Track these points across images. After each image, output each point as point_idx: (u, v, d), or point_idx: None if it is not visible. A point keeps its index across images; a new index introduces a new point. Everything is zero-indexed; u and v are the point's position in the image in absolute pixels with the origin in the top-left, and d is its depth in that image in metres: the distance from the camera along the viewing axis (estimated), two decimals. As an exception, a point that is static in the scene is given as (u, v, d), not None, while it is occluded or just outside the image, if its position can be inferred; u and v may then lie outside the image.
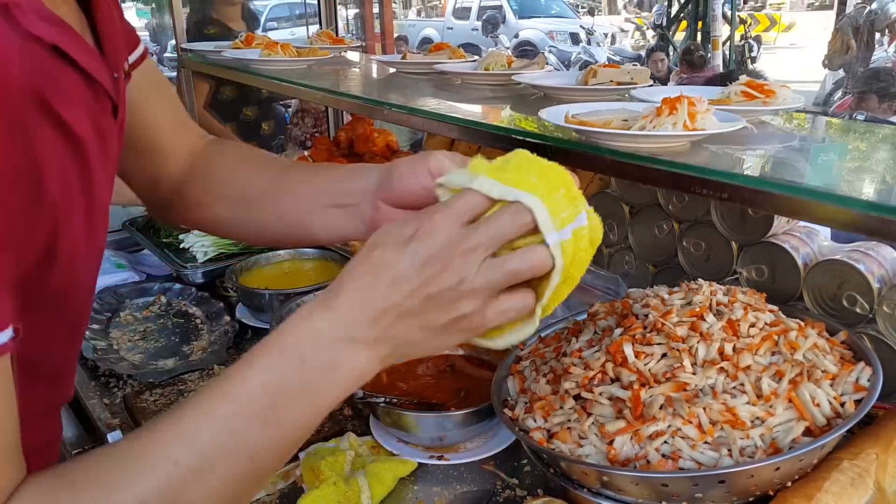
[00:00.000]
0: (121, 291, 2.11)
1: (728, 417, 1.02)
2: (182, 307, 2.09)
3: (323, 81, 2.07)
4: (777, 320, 1.19)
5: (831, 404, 1.04)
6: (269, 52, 2.24)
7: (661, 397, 1.06)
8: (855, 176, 1.13)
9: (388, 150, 2.76)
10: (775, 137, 1.37)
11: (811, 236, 1.53)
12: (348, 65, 2.51)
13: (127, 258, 2.42)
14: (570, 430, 1.10)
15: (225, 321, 1.98)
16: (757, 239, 1.52)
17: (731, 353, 1.10)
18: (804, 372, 1.06)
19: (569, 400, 1.14)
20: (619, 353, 1.14)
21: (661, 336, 1.14)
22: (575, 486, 1.11)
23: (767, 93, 1.36)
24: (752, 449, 1.00)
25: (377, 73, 2.38)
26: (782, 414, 1.02)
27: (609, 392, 1.11)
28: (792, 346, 1.11)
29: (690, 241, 1.65)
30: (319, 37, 2.63)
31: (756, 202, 1.02)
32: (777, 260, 1.49)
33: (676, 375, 1.08)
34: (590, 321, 1.31)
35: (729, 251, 1.57)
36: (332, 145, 2.96)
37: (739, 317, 1.16)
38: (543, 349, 1.34)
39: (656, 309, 1.21)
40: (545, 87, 1.67)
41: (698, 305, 1.19)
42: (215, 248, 2.20)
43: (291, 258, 2.20)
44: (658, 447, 1.03)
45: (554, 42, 15.20)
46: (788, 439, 1.00)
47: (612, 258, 1.85)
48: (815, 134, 1.49)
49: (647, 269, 1.77)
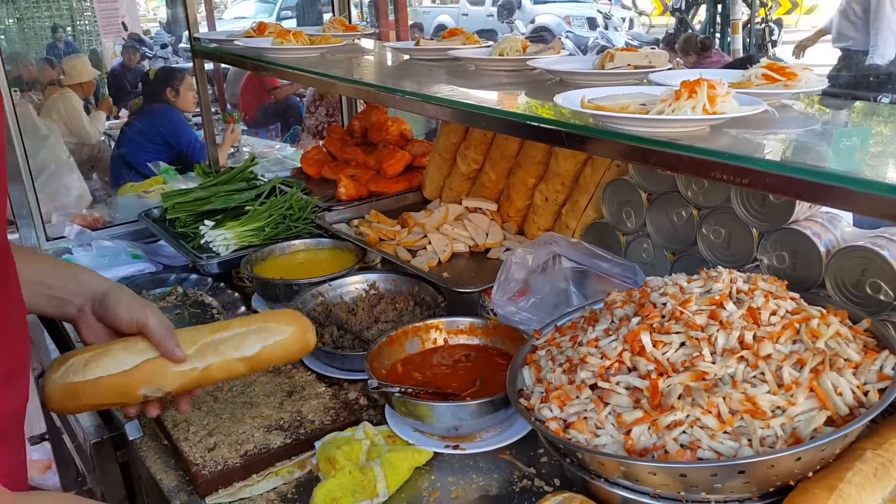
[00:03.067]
0: (137, 282, 2.12)
1: (748, 407, 1.00)
2: (198, 297, 2.10)
3: (335, 69, 2.06)
4: (798, 308, 1.16)
5: (854, 393, 1.02)
6: (282, 41, 2.23)
7: (680, 387, 1.05)
8: (879, 160, 1.10)
9: (403, 139, 2.75)
10: (797, 121, 1.34)
11: (833, 222, 1.50)
12: (361, 52, 2.50)
13: (143, 249, 2.44)
14: (587, 420, 1.09)
15: (240, 311, 1.98)
16: (778, 225, 1.49)
17: (751, 341, 1.08)
18: (826, 361, 1.04)
19: (585, 390, 1.13)
20: (636, 342, 1.13)
21: (679, 325, 1.13)
22: (592, 476, 1.10)
23: (789, 76, 1.33)
24: (772, 439, 0.98)
25: (391, 60, 2.36)
26: (804, 403, 1.01)
27: (626, 381, 1.10)
28: (814, 335, 1.09)
29: (710, 227, 1.62)
30: (332, 24, 2.61)
31: (778, 187, 0.99)
32: (799, 247, 1.46)
33: (695, 364, 1.07)
34: (606, 310, 1.29)
35: (749, 238, 1.54)
36: (346, 134, 2.95)
37: (760, 305, 1.13)
38: (559, 338, 1.33)
39: (675, 297, 1.19)
40: (561, 72, 1.65)
41: (718, 293, 1.17)
42: (237, 243, 2.20)
43: (306, 248, 2.19)
44: (676, 437, 1.01)
45: (570, 27, 15.04)
46: (810, 429, 0.98)
47: (629, 246, 1.82)
48: (839, 117, 1.45)
49: (666, 257, 1.74)
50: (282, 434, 1.43)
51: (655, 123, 1.14)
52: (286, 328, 1.32)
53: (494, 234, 2.12)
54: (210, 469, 1.33)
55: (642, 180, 1.74)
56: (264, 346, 1.29)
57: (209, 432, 1.43)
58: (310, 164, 2.83)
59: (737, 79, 1.38)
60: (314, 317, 1.80)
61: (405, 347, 1.59)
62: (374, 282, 1.93)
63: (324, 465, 1.30)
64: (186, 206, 2.41)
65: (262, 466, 1.35)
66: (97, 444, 1.59)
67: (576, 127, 1.26)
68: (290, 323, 1.34)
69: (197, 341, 1.25)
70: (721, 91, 1.12)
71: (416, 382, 1.49)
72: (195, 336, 1.26)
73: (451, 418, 1.35)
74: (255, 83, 7.04)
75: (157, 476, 1.37)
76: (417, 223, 2.16)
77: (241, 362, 1.28)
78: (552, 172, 2.00)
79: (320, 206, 2.40)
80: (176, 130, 4.77)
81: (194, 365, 1.23)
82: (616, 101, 1.22)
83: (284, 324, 1.33)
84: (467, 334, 1.62)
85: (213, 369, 1.25)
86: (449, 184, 2.39)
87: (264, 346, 1.29)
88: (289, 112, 7.07)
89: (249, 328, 1.30)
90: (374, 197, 2.49)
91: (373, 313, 1.82)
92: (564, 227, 1.97)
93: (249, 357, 1.28)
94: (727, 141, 1.13)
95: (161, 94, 4.94)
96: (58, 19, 7.98)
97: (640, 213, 1.77)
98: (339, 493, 1.23)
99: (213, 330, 1.29)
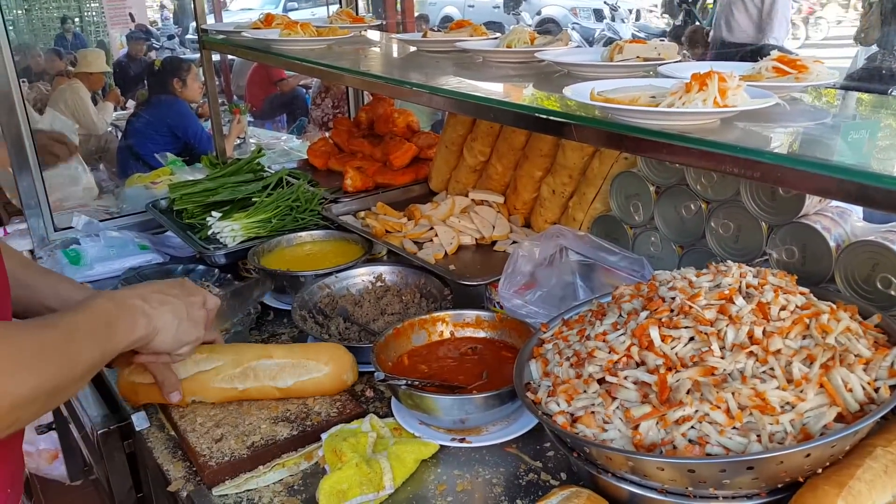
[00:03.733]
0: (145, 272, 2.13)
1: (757, 402, 1.00)
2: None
3: (343, 61, 2.05)
4: (808, 303, 1.16)
5: (865, 389, 1.01)
6: (289, 32, 2.22)
7: (689, 382, 1.04)
8: (889, 153, 1.09)
9: (409, 131, 2.74)
10: (808, 114, 1.32)
11: (844, 216, 1.49)
12: (368, 44, 2.49)
13: (150, 240, 2.44)
14: (595, 415, 1.09)
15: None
16: (788, 219, 1.47)
17: (760, 336, 1.07)
18: (836, 356, 1.03)
19: (593, 384, 1.13)
20: (644, 337, 1.12)
21: (688, 319, 1.12)
22: (599, 471, 1.10)
23: (800, 68, 1.32)
24: (781, 435, 0.98)
25: (397, 51, 2.35)
26: (813, 399, 1.00)
27: (634, 376, 1.09)
28: (824, 330, 1.08)
29: (719, 221, 1.61)
30: (339, 16, 2.60)
31: (788, 181, 0.98)
32: (808, 241, 1.45)
33: (704, 359, 1.06)
34: (614, 304, 1.29)
35: (759, 232, 1.53)
36: (353, 126, 2.95)
37: (770, 299, 1.13)
38: (567, 332, 1.32)
39: (683, 291, 1.18)
40: (569, 64, 1.63)
41: (727, 288, 1.16)
42: (244, 234, 2.20)
43: (313, 240, 2.19)
44: (685, 432, 1.01)
45: (577, 18, 14.94)
46: (819, 425, 0.97)
47: (637, 239, 1.81)
48: (849, 110, 1.44)
49: (674, 251, 1.73)
50: (288, 426, 1.43)
51: (665, 116, 1.13)
52: (323, 367, 1.49)
53: (501, 226, 2.11)
54: (217, 460, 1.33)
55: (650, 173, 1.73)
56: (299, 380, 1.47)
57: (216, 423, 1.43)
58: (316, 156, 2.83)
59: (747, 71, 1.37)
60: (320, 308, 1.80)
61: (411, 340, 1.59)
62: (380, 274, 1.93)
63: (330, 457, 1.30)
64: (194, 197, 2.41)
65: (268, 458, 1.36)
66: (104, 434, 1.59)
67: (584, 119, 1.25)
68: (329, 361, 1.49)
69: (241, 363, 1.47)
70: (732, 84, 1.11)
71: (422, 375, 1.49)
72: (241, 357, 1.48)
73: (457, 411, 1.35)
74: (261, 74, 7.04)
75: (164, 467, 1.38)
76: (424, 215, 2.16)
77: (276, 390, 1.48)
78: (559, 165, 1.99)
79: (327, 198, 2.40)
80: (182, 122, 4.77)
81: (235, 385, 1.47)
82: (626, 93, 1.21)
83: (323, 362, 1.49)
84: (474, 327, 1.62)
85: (250, 391, 1.48)
86: (455, 176, 2.39)
87: (299, 380, 1.47)
88: (295, 103, 7.07)
89: (289, 362, 1.48)
90: (380, 189, 2.49)
91: (379, 305, 1.82)
92: (571, 220, 1.96)
93: (284, 388, 1.48)
94: (738, 134, 1.12)
95: (167, 85, 4.94)
96: (66, 10, 7.99)
97: (648, 206, 1.75)
98: (346, 485, 1.23)
99: (258, 355, 1.49)
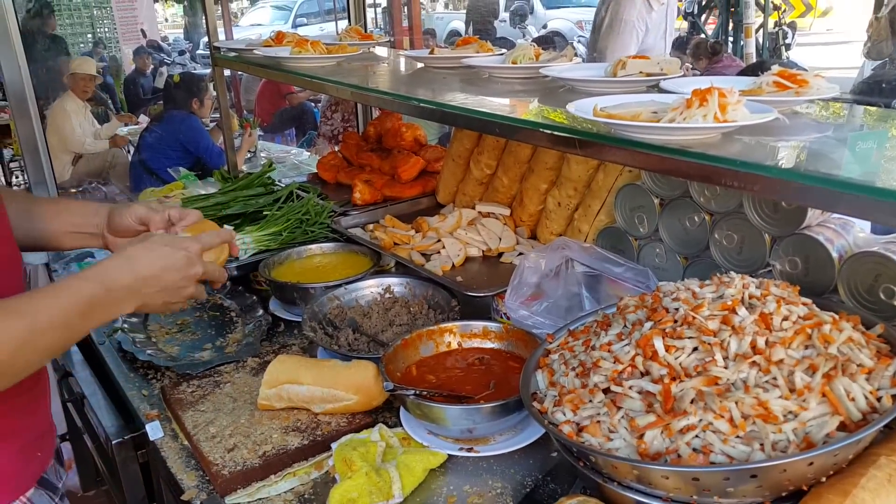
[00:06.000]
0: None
1: (760, 412, 1.01)
2: (217, 300, 2.13)
3: (352, 78, 2.09)
4: (811, 313, 1.17)
5: (867, 399, 1.02)
6: (300, 50, 2.26)
7: (692, 391, 1.06)
8: (891, 166, 1.11)
9: (417, 144, 2.77)
10: (809, 128, 1.34)
11: (846, 228, 1.50)
12: (377, 60, 2.53)
13: (163, 253, 2.47)
14: (600, 424, 1.11)
15: (258, 314, 2.02)
16: (790, 231, 1.49)
17: (763, 346, 1.09)
18: (839, 366, 1.05)
19: (598, 393, 1.15)
20: (649, 347, 1.14)
21: (692, 329, 1.14)
22: (605, 480, 1.11)
23: (800, 83, 1.34)
24: (784, 443, 0.99)
25: (405, 68, 2.39)
26: (816, 408, 1.01)
27: (639, 386, 1.11)
28: (826, 340, 1.10)
29: (722, 233, 1.63)
30: (349, 33, 2.65)
31: (788, 194, 1.00)
32: (811, 252, 1.46)
33: (708, 369, 1.08)
34: (619, 314, 1.31)
35: (762, 243, 1.55)
36: (362, 140, 2.98)
37: (772, 310, 1.14)
38: (572, 342, 1.34)
39: (687, 302, 1.20)
40: (573, 80, 1.66)
41: (730, 299, 1.17)
42: (255, 247, 2.23)
43: (323, 252, 2.23)
44: (689, 441, 1.02)
45: (583, 32, 15.00)
46: (822, 434, 0.99)
47: (642, 250, 1.83)
48: (850, 124, 1.46)
49: (678, 262, 1.75)
50: (299, 435, 1.45)
51: (667, 132, 1.15)
52: (352, 397, 1.52)
53: (507, 238, 2.13)
54: (229, 469, 1.36)
55: (655, 186, 1.76)
56: (328, 407, 1.53)
57: (229, 433, 1.46)
58: (326, 170, 2.87)
59: (748, 86, 1.39)
60: (330, 319, 1.83)
61: (420, 350, 1.61)
62: (388, 285, 1.96)
63: (340, 466, 1.32)
64: (206, 210, 2.45)
65: (279, 467, 1.38)
66: (119, 445, 1.62)
67: (588, 134, 1.27)
68: (358, 392, 1.52)
69: (277, 384, 1.54)
70: (732, 99, 1.13)
71: (430, 385, 1.51)
72: (277, 377, 1.54)
73: (464, 421, 1.37)
74: (270, 88, 7.12)
75: (178, 476, 1.40)
76: (431, 228, 2.19)
77: (306, 411, 1.55)
78: (564, 178, 2.01)
79: (336, 211, 2.43)
80: (194, 137, 4.84)
81: (273, 403, 1.55)
82: (628, 109, 1.24)
83: (353, 391, 1.52)
84: (481, 338, 1.64)
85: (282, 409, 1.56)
86: (462, 189, 2.41)
87: (328, 407, 1.53)
88: (304, 117, 7.14)
89: (320, 389, 1.52)
90: (388, 202, 2.52)
91: (387, 316, 1.85)
92: (577, 232, 1.99)
93: (314, 412, 1.54)
94: (738, 148, 1.14)
95: (184, 102, 5.01)
96: (78, 27, 8.11)
97: (652, 218, 1.78)
98: (356, 494, 1.25)
99: (290, 378, 1.54)
